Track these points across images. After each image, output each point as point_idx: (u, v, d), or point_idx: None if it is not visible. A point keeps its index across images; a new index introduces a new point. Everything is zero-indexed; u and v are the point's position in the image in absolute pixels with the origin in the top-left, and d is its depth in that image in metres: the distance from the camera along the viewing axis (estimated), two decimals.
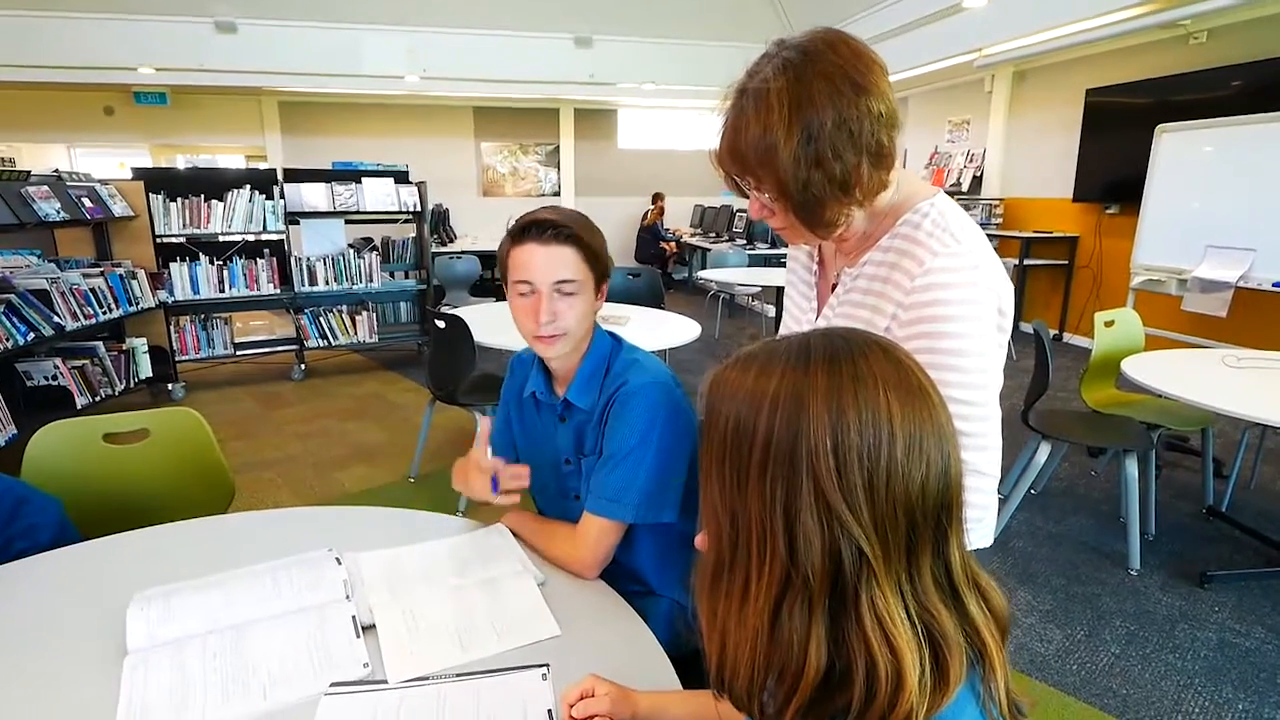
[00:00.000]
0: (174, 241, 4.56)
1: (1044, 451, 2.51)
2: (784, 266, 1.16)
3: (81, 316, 3.53)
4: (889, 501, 0.49)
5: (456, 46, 7.27)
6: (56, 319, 3.34)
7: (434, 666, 0.87)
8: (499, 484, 1.12)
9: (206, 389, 4.68)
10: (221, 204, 4.53)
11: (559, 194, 9.52)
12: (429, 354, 3.30)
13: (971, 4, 5.35)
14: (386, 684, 0.84)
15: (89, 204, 3.81)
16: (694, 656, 0.67)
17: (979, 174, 6.84)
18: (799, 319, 1.06)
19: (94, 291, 3.67)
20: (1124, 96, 5.28)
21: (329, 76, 7.12)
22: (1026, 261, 5.91)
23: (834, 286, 0.98)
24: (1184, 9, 4.38)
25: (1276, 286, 3.91)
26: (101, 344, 3.75)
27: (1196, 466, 3.20)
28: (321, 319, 4.98)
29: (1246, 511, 2.85)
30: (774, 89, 0.78)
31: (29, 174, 3.62)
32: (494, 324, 2.89)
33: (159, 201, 4.31)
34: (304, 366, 4.99)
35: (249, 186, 4.63)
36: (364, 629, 0.93)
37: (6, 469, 1.23)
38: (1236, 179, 4.17)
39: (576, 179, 9.59)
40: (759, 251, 6.86)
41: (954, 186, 7.01)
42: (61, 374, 3.46)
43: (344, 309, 5.07)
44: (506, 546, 1.15)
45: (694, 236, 8.93)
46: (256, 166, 6.82)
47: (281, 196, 4.69)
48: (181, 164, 8.55)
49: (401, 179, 5.26)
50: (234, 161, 8.92)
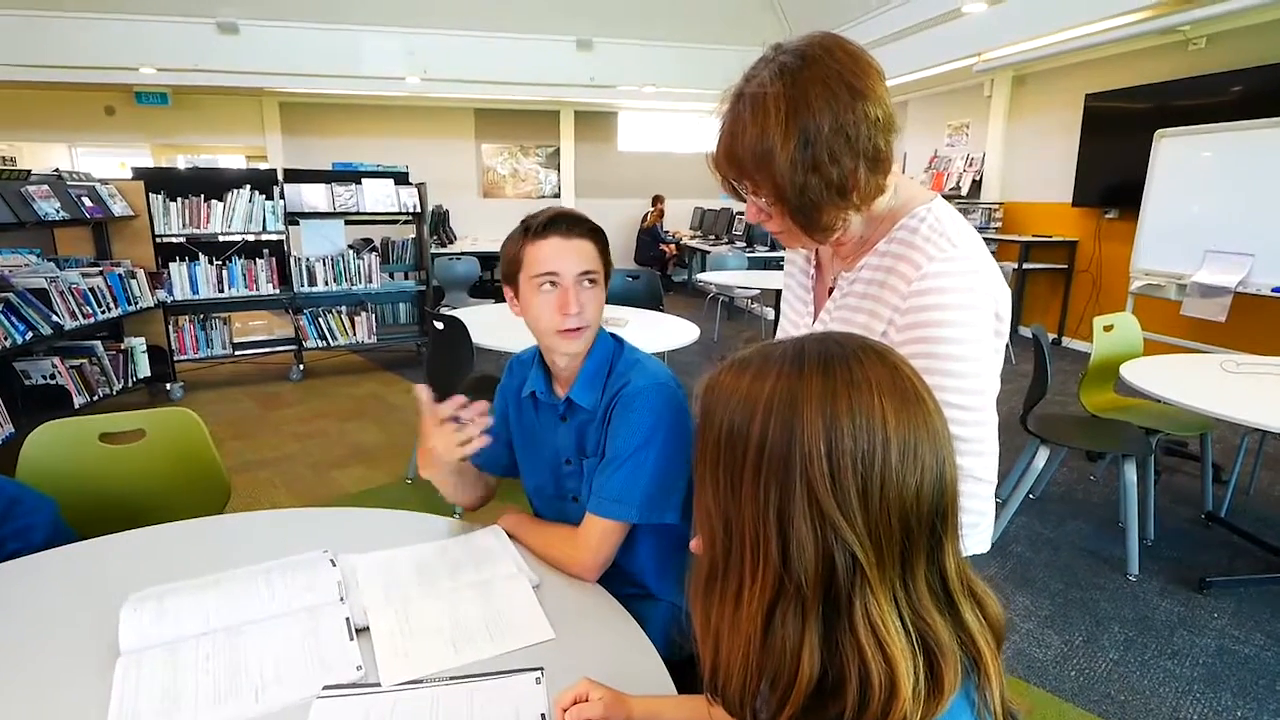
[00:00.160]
0: (174, 241, 4.56)
1: (1042, 456, 2.51)
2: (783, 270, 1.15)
3: (80, 316, 3.52)
4: (883, 507, 0.49)
5: (457, 48, 7.28)
6: (55, 318, 3.34)
7: (427, 669, 0.87)
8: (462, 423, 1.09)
9: (205, 389, 4.68)
10: (221, 204, 4.53)
11: (559, 196, 9.53)
12: (427, 355, 3.29)
13: (971, 9, 5.36)
14: (380, 687, 0.84)
15: (89, 203, 3.80)
16: (690, 661, 0.67)
17: (978, 178, 6.85)
18: (796, 323, 1.06)
19: (93, 291, 3.67)
20: (1123, 101, 5.29)
21: (330, 77, 7.13)
22: (1025, 265, 5.91)
23: (831, 290, 0.98)
24: (1183, 14, 4.38)
25: (1275, 292, 3.91)
26: (100, 343, 3.75)
27: (1195, 472, 3.19)
28: (320, 319, 4.98)
29: (1245, 517, 2.84)
30: (771, 94, 0.78)
31: (29, 173, 3.62)
32: (492, 325, 2.88)
33: (159, 201, 4.31)
34: (303, 367, 4.99)
35: (249, 187, 4.63)
36: (358, 631, 0.92)
37: (2, 468, 1.23)
38: (1235, 184, 4.17)
39: (576, 181, 9.60)
40: (758, 254, 6.85)
41: (953, 190, 7.01)
42: (59, 373, 3.45)
43: (343, 310, 5.07)
44: (502, 548, 1.14)
45: (693, 239, 8.93)
46: (257, 167, 6.81)
47: (281, 197, 4.69)
48: (182, 164, 8.54)
49: (401, 180, 5.26)
50: (234, 161, 8.91)
